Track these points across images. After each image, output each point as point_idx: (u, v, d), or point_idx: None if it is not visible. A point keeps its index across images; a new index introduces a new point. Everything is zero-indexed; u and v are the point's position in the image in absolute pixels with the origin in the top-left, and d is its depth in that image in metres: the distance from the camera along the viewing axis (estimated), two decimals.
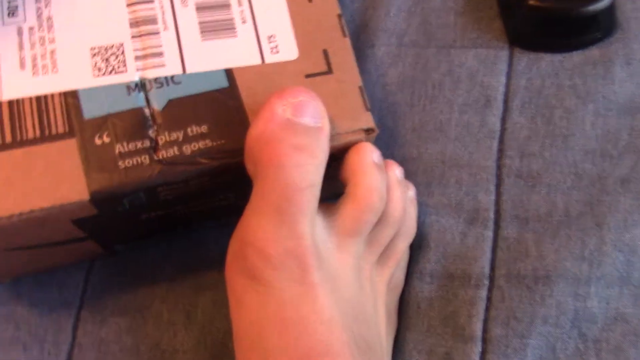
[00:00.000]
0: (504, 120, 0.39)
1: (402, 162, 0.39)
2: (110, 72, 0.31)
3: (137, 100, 0.31)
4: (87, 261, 0.38)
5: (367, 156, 0.32)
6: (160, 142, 0.31)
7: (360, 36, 0.42)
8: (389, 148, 0.39)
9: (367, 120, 0.33)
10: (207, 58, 0.32)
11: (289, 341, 0.28)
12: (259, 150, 0.29)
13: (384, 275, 0.34)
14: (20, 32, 0.32)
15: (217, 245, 0.37)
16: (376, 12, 0.42)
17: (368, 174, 0.32)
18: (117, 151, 0.30)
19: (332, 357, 0.28)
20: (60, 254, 0.35)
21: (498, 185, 0.37)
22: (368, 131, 0.33)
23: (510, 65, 0.40)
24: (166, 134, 0.31)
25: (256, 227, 0.29)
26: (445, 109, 0.40)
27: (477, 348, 0.34)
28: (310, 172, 0.29)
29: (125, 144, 0.30)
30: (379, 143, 0.34)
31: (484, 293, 0.35)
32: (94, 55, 0.32)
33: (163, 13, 0.33)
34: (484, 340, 0.34)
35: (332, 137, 0.31)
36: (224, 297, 0.31)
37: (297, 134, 0.29)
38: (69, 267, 0.38)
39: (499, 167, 0.38)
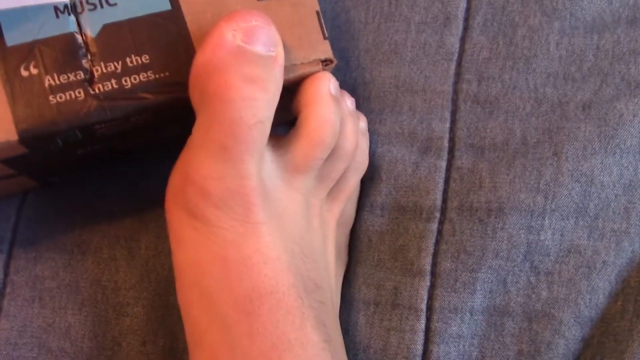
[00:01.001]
0: (463, 40, 0.38)
1: (353, 87, 0.38)
2: None
3: (68, 24, 0.29)
4: (18, 195, 0.36)
5: (323, 86, 0.31)
6: (96, 74, 0.28)
7: None
8: (340, 70, 0.38)
9: (325, 50, 0.31)
10: None
11: (231, 281, 0.28)
12: (205, 80, 0.27)
13: (334, 210, 0.34)
14: None
15: (160, 177, 0.35)
16: None
17: (322, 106, 0.31)
18: (46, 84, 0.28)
19: (277, 298, 0.28)
20: None
21: (454, 112, 0.37)
22: (325, 62, 0.31)
23: None
24: (102, 64, 0.29)
25: (198, 163, 0.28)
26: (402, 28, 0.38)
27: (426, 282, 0.34)
28: (260, 107, 0.28)
29: (55, 75, 0.28)
30: None
31: (434, 226, 0.35)
32: None
33: None
34: (433, 274, 0.34)
35: (286, 68, 0.30)
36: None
37: (248, 63, 0.27)
38: (2, 199, 0.36)
39: (455, 92, 0.37)
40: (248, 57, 0.27)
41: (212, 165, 0.27)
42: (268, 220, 0.29)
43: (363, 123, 0.35)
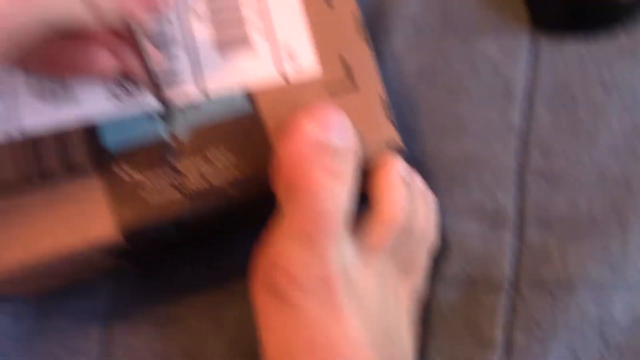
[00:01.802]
0: (526, 115, 0.39)
1: (419, 161, 0.39)
2: (129, 99, 0.32)
3: (159, 128, 0.31)
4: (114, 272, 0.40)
5: (393, 171, 0.33)
6: (186, 174, 0.31)
7: (375, 23, 0.42)
8: (405, 145, 0.40)
9: (391, 134, 0.33)
10: (226, 79, 0.33)
11: None
12: (288, 173, 0.30)
13: (407, 286, 0.35)
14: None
15: (242, 252, 0.38)
16: None
17: (394, 191, 0.33)
18: (142, 184, 0.31)
19: None
20: (90, 273, 0.36)
21: (520, 186, 0.38)
22: (392, 145, 0.33)
23: (534, 54, 0.40)
24: (191, 164, 0.31)
25: (284, 250, 0.30)
26: (466, 103, 0.40)
27: (499, 355, 0.35)
28: (341, 198, 0.30)
29: (149, 175, 0.31)
30: None
31: (506, 299, 0.36)
32: (111, 82, 0.32)
33: (180, 32, 0.33)
34: (506, 347, 0.36)
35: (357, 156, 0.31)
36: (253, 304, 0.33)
37: (327, 156, 0.30)
38: (98, 278, 0.39)
39: (521, 167, 0.38)
40: (327, 151, 0.29)
41: (298, 252, 0.30)
42: (349, 302, 0.30)
43: (432, 199, 0.37)
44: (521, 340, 0.35)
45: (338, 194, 0.30)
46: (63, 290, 0.39)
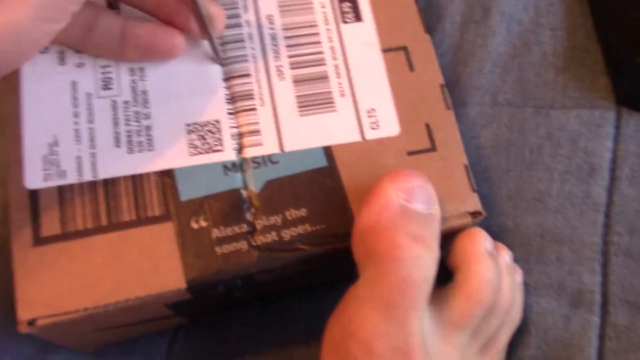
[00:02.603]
0: (610, 191, 0.37)
1: (496, 233, 0.38)
2: (207, 150, 0.31)
3: (235, 181, 0.31)
4: (170, 330, 0.38)
5: (481, 244, 0.32)
6: (258, 227, 0.30)
7: (451, 94, 0.41)
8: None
9: (474, 203, 0.32)
10: (305, 135, 0.32)
11: None
12: (372, 239, 0.29)
13: None
14: (114, 106, 0.32)
15: (303, 317, 0.37)
16: (468, 68, 0.41)
17: (481, 265, 0.31)
18: (214, 236, 0.30)
19: None
20: (146, 327, 0.35)
21: (604, 265, 0.36)
22: (475, 214, 0.32)
23: (617, 128, 0.39)
24: (264, 217, 0.30)
25: (363, 319, 0.28)
26: (545, 177, 0.38)
27: None
28: (426, 265, 0.28)
29: (222, 228, 0.30)
30: None
31: None
32: (190, 132, 0.32)
33: (260, 88, 0.33)
34: None
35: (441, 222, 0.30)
36: None
37: (413, 223, 0.29)
38: (153, 335, 0.38)
39: (605, 244, 0.36)
40: (412, 217, 0.29)
41: (378, 322, 0.28)
42: None
43: (519, 277, 0.35)
44: None
45: (423, 261, 0.28)
46: (117, 348, 0.38)
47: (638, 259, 0.36)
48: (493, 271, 0.31)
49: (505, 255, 0.34)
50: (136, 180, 0.31)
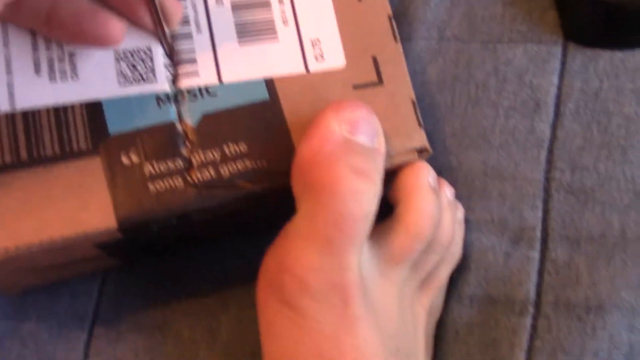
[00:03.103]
0: (554, 127, 0.37)
1: (439, 171, 0.37)
2: (138, 80, 0.29)
3: (169, 113, 0.29)
4: (100, 271, 0.36)
5: (423, 178, 0.31)
6: (195, 163, 0.29)
7: (397, 28, 0.40)
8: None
9: (421, 139, 0.31)
10: (245, 66, 0.30)
11: None
12: (311, 172, 0.27)
13: (424, 301, 0.33)
14: (33, 31, 0.29)
15: (243, 258, 0.35)
16: (414, 1, 0.40)
17: (423, 199, 0.31)
18: (146, 172, 0.28)
19: None
20: (74, 269, 0.33)
21: (546, 201, 0.36)
22: (421, 151, 0.31)
23: (563, 63, 0.38)
24: (201, 153, 0.29)
25: (299, 253, 0.28)
26: (490, 113, 0.38)
27: None
28: (367, 200, 0.27)
29: (155, 163, 0.28)
30: None
31: (528, 321, 0.34)
32: (119, 60, 0.29)
33: (196, 13, 0.30)
34: None
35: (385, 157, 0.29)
36: (251, 313, 0.30)
37: (355, 156, 0.27)
38: (83, 278, 0.36)
39: (547, 181, 0.36)
40: (355, 149, 0.27)
41: (314, 257, 0.27)
42: (365, 314, 0.28)
43: (460, 213, 0.35)
44: None
45: (364, 196, 0.27)
46: (43, 291, 0.36)
47: (579, 195, 0.36)
48: (434, 205, 0.31)
49: (447, 191, 0.33)
50: (60, 112, 0.28)
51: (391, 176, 0.31)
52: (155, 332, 0.36)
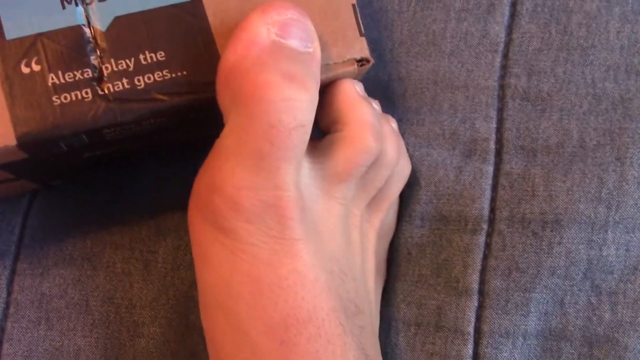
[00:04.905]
0: (510, 28, 0.35)
1: (387, 83, 0.35)
2: None
3: (75, 16, 0.26)
4: (24, 202, 0.34)
5: (353, 89, 0.29)
6: (106, 72, 0.26)
7: None
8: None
9: (361, 49, 0.29)
10: None
11: (264, 305, 0.26)
12: (237, 79, 0.25)
13: (373, 221, 0.31)
14: None
15: (178, 180, 0.33)
16: None
17: (361, 110, 0.29)
18: (50, 82, 0.26)
19: (316, 325, 0.26)
20: None
21: (500, 110, 0.34)
22: (361, 62, 0.28)
23: None
24: (112, 61, 0.26)
25: (229, 172, 0.26)
26: (440, 16, 0.35)
27: (473, 302, 0.32)
28: (301, 108, 0.25)
29: (60, 73, 0.26)
30: None
31: (482, 239, 0.32)
32: None
33: None
34: (481, 294, 0.32)
35: (321, 67, 0.27)
36: (189, 242, 0.28)
37: (285, 60, 0.25)
38: (2, 209, 0.34)
39: (502, 88, 0.34)
40: (285, 54, 0.25)
41: (246, 175, 0.25)
42: (306, 236, 0.26)
43: (394, 124, 0.33)
44: (499, 286, 0.31)
45: (297, 103, 0.25)
46: None
47: (535, 102, 0.34)
48: (373, 115, 0.29)
49: (376, 104, 0.32)
50: None
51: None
52: (85, 266, 0.34)
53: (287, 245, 0.26)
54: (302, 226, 0.26)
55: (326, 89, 0.29)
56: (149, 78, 0.26)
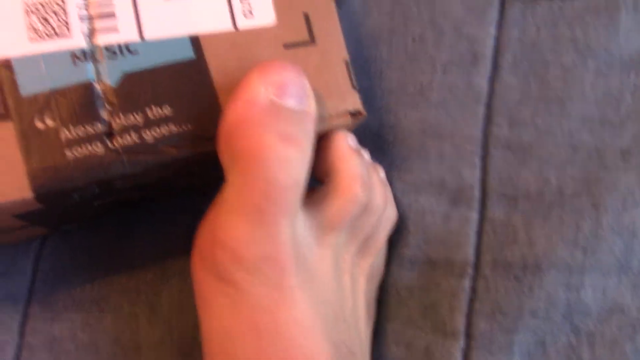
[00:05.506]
0: (492, 80, 0.37)
1: (376, 130, 0.37)
2: (51, 35, 0.27)
3: (86, 72, 0.27)
4: (35, 246, 0.35)
5: (345, 141, 0.31)
6: (116, 127, 0.27)
7: None
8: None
9: (355, 101, 0.30)
10: (169, 22, 0.29)
11: (264, 351, 0.27)
12: (237, 139, 0.26)
13: (364, 265, 0.33)
14: None
15: (183, 227, 0.35)
16: None
17: (350, 162, 0.30)
18: (63, 137, 0.27)
19: None
20: (2, 240, 0.32)
21: (484, 159, 0.36)
22: (355, 114, 0.30)
23: (501, 12, 0.38)
24: (122, 116, 0.27)
25: (229, 226, 0.27)
26: (427, 68, 0.37)
27: (460, 343, 0.33)
28: (296, 167, 0.27)
29: (72, 128, 0.27)
30: None
31: (467, 283, 0.34)
32: (30, 13, 0.27)
33: None
34: (468, 335, 0.33)
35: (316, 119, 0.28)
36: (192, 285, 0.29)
37: (282, 120, 0.27)
38: (14, 253, 0.35)
39: (485, 137, 0.36)
40: (282, 114, 0.27)
41: (245, 229, 0.26)
42: (302, 284, 0.28)
43: (382, 173, 0.35)
44: (484, 328, 0.33)
45: (292, 162, 0.27)
46: None
47: (516, 151, 0.36)
48: (362, 167, 0.31)
49: (364, 154, 0.33)
50: None
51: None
52: (93, 309, 0.35)
53: (284, 294, 0.27)
54: (298, 275, 0.28)
55: (321, 140, 0.31)
56: (156, 132, 0.27)
